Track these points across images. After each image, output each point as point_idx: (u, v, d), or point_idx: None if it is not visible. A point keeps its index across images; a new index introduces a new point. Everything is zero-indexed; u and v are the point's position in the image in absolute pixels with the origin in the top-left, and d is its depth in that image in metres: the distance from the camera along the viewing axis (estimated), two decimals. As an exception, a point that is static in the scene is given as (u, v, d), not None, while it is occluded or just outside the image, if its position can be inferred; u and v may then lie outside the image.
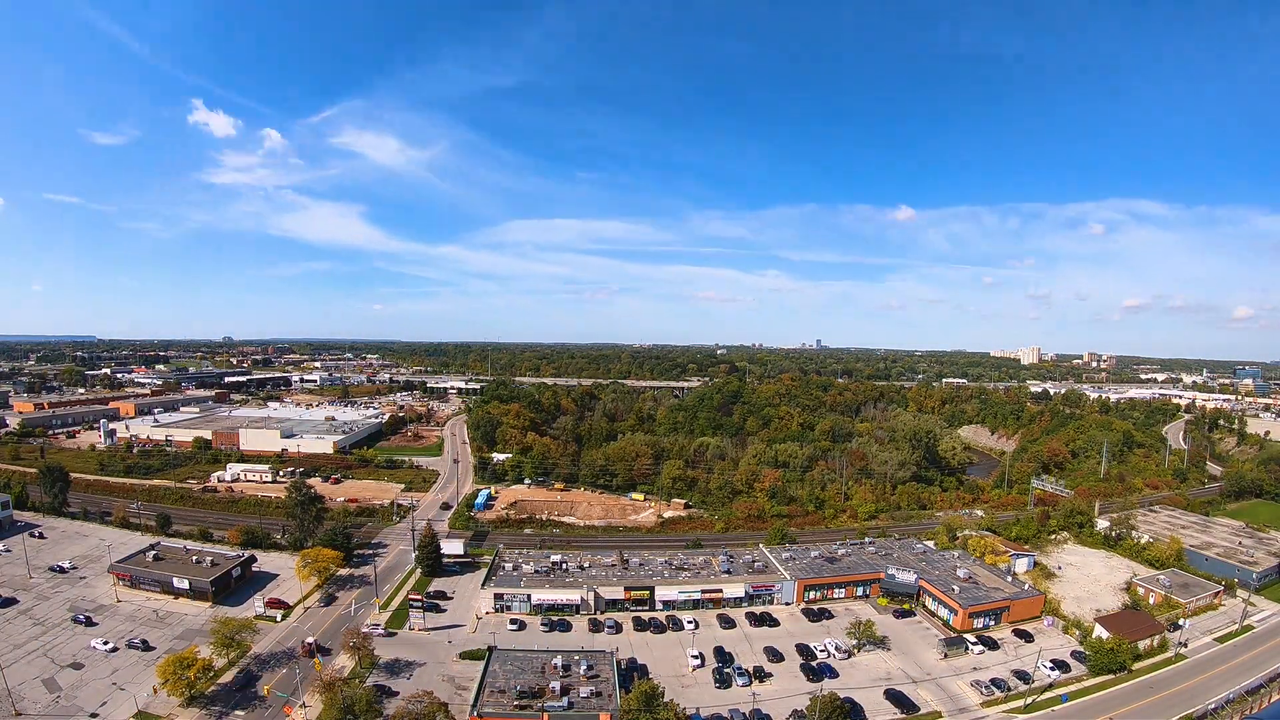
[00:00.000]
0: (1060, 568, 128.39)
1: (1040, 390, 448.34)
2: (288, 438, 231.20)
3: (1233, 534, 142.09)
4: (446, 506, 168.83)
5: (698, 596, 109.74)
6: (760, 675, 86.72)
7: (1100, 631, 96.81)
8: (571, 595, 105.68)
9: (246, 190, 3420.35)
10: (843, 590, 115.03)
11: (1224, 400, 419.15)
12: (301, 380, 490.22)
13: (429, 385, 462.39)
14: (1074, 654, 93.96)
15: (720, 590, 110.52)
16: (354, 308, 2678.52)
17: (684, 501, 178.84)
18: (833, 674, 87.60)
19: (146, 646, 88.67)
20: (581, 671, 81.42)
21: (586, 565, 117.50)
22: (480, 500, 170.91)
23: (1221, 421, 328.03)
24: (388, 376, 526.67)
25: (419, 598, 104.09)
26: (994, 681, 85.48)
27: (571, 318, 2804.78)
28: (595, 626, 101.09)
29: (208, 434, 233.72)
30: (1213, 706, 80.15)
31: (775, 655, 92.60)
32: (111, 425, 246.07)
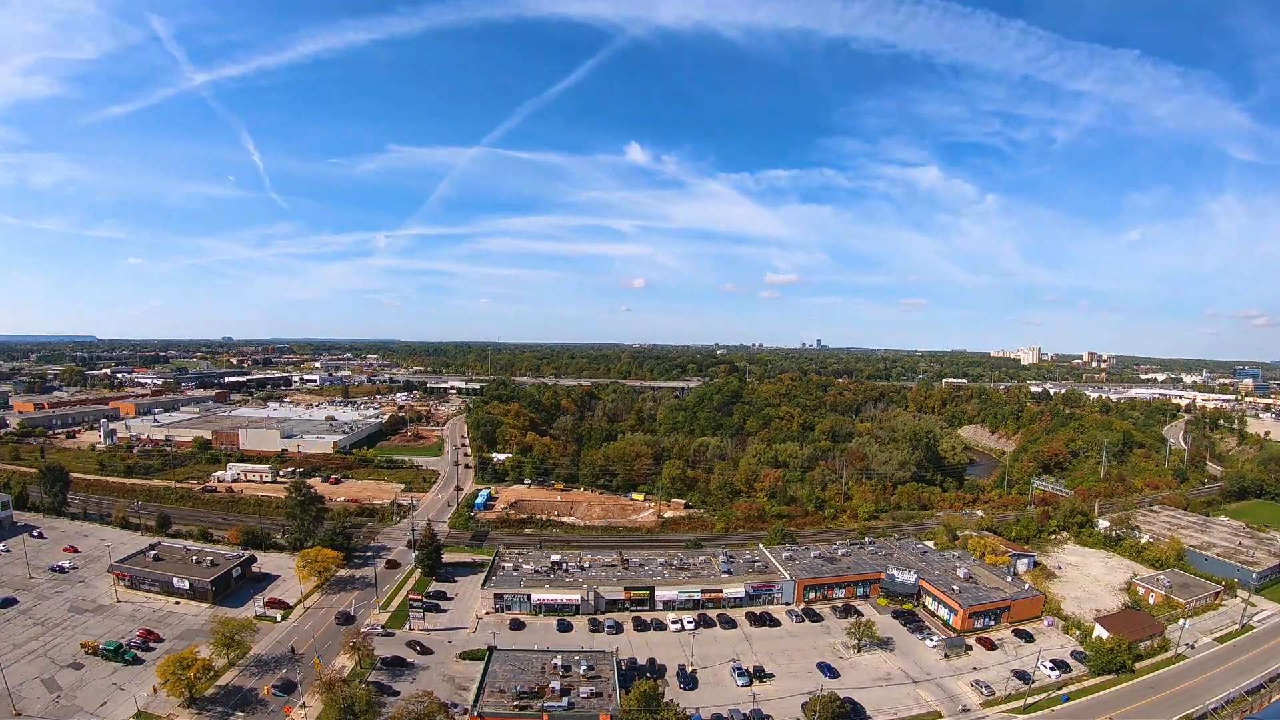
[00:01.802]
0: (1060, 568, 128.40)
1: (1040, 390, 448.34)
2: (288, 438, 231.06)
3: (1233, 534, 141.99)
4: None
5: (698, 596, 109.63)
6: (760, 675, 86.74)
7: (1100, 631, 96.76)
8: (571, 595, 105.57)
9: None
10: (843, 590, 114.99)
11: (1224, 400, 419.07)
12: (301, 380, 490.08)
13: (429, 385, 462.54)
14: (1074, 654, 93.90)
15: (720, 590, 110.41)
16: (353, 307, 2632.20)
17: (684, 501, 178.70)
18: (833, 674, 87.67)
19: (146, 646, 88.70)
20: (581, 671, 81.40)
21: (586, 565, 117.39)
22: (480, 500, 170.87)
23: (1221, 421, 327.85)
24: (388, 376, 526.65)
25: (419, 598, 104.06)
26: (994, 682, 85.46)
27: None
28: (595, 626, 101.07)
29: (208, 434, 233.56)
30: (1213, 706, 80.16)
31: (775, 655, 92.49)
32: (111, 425, 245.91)
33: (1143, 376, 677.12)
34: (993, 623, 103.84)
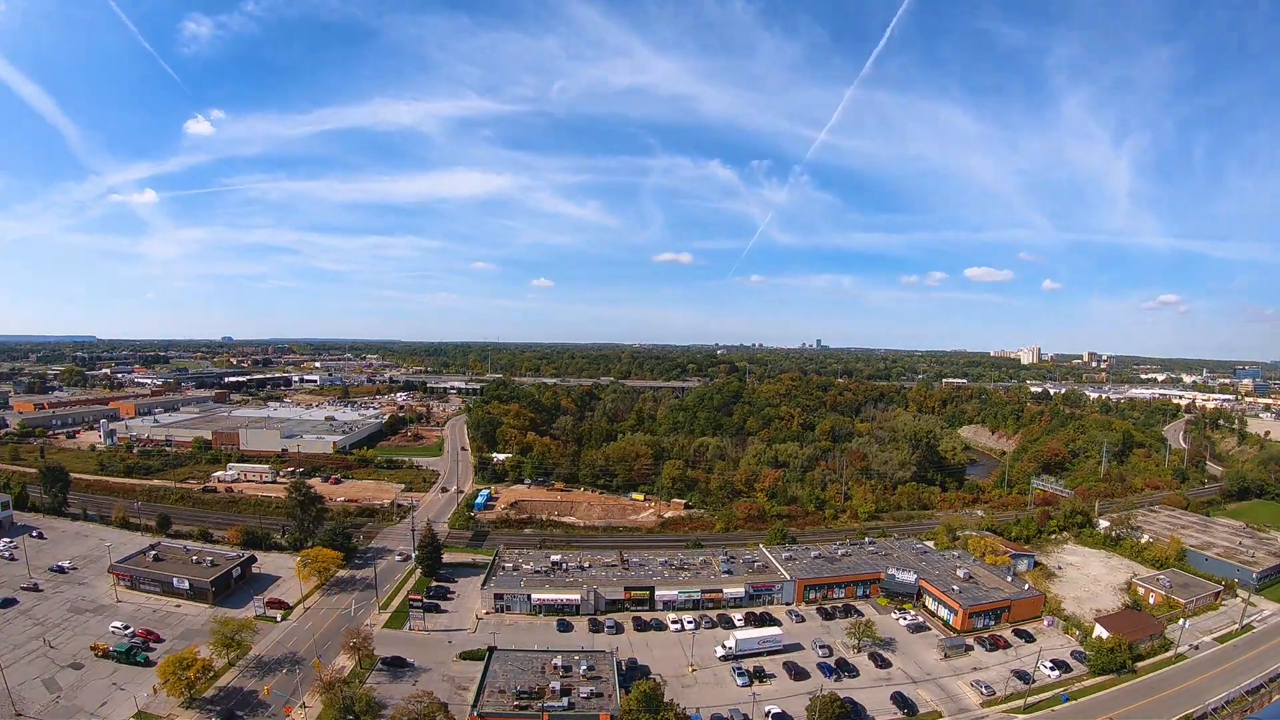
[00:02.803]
0: (1060, 568, 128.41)
1: (1040, 390, 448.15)
2: (288, 438, 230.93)
3: (1233, 534, 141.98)
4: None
5: (698, 596, 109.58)
6: (760, 675, 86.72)
7: (1100, 631, 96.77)
8: (571, 595, 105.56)
9: None
10: (843, 590, 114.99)
11: (1224, 400, 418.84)
12: (302, 380, 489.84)
13: (429, 385, 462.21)
14: (1074, 654, 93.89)
15: (720, 590, 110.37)
16: (354, 307, 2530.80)
17: (684, 502, 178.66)
18: (833, 674, 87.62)
19: (147, 646, 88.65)
20: (581, 671, 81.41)
21: (586, 565, 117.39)
22: (480, 500, 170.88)
23: (1221, 421, 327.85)
24: (388, 376, 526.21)
25: (419, 598, 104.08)
26: (994, 681, 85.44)
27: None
28: (595, 626, 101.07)
29: (208, 434, 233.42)
30: (1213, 706, 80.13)
31: (776, 655, 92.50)
32: (111, 425, 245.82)
33: (1143, 376, 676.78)
34: (993, 623, 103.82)
